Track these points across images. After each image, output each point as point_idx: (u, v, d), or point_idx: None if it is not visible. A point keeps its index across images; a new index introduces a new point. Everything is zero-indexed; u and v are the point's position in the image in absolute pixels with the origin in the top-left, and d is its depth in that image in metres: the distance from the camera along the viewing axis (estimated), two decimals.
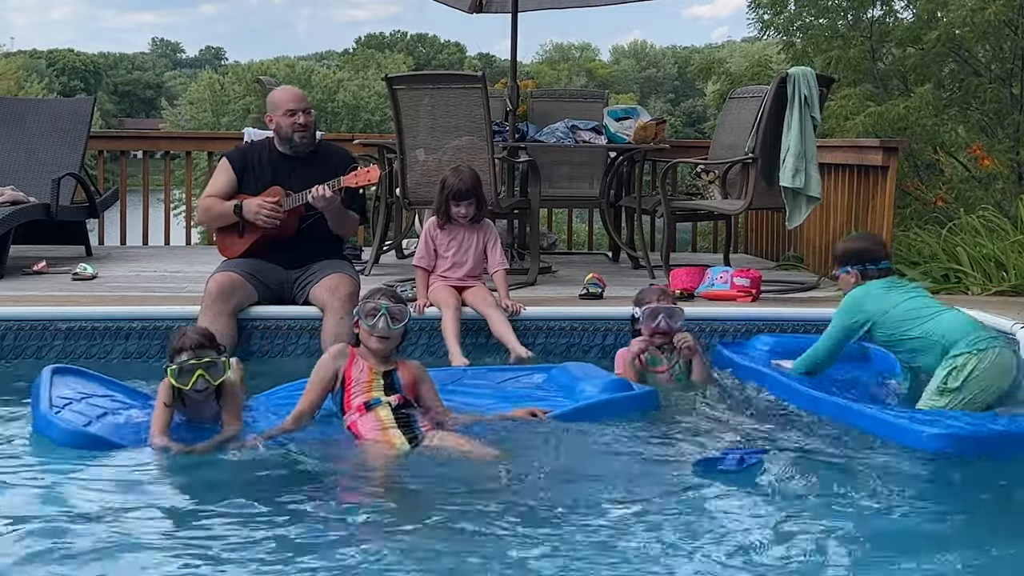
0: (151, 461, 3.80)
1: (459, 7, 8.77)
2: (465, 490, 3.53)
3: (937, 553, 3.02)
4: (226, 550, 3.03)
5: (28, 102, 9.07)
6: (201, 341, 4.04)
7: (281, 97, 5.60)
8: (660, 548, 3.03)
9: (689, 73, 25.30)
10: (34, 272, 6.84)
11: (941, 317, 4.40)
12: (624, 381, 4.62)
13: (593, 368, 4.80)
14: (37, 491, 3.49)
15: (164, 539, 3.15)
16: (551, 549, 3.02)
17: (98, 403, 4.23)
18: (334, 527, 3.23)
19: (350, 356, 4.17)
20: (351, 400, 4.08)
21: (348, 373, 4.13)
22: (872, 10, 10.74)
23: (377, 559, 2.97)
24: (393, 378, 4.13)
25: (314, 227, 5.51)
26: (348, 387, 4.10)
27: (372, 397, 4.06)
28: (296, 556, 2.98)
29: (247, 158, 5.61)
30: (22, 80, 45.92)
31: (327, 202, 5.32)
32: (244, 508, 3.33)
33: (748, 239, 9.04)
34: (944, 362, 4.30)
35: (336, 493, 3.63)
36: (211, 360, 4.01)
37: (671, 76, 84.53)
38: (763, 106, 6.66)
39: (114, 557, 2.96)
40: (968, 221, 7.11)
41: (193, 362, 3.97)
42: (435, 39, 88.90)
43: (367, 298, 4.25)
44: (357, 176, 5.35)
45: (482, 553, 3.00)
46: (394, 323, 4.14)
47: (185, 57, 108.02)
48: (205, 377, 3.98)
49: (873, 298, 4.51)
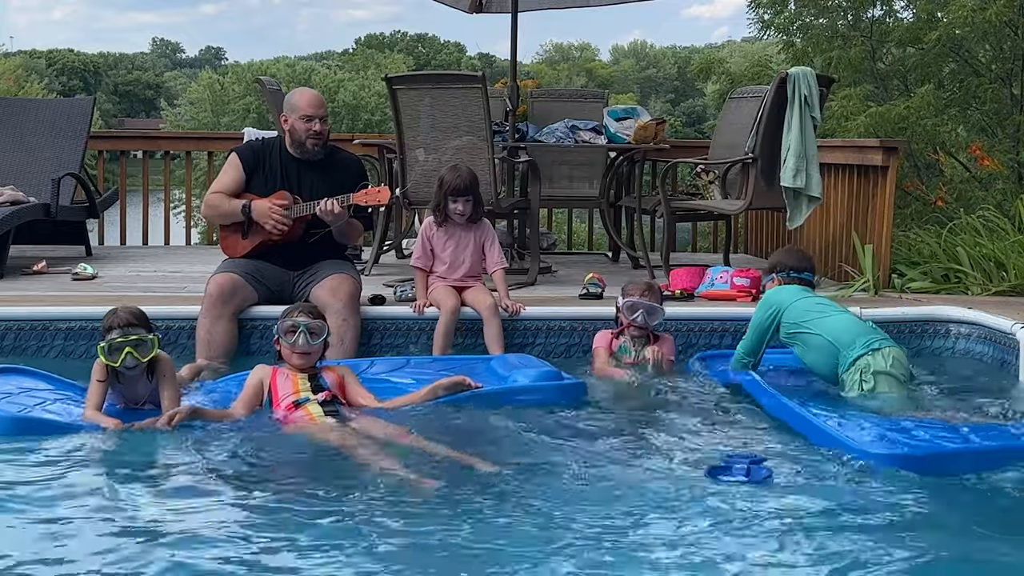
0: (86, 441, 3.91)
1: (459, 7, 8.77)
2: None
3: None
4: (154, 524, 3.14)
5: (28, 102, 9.06)
6: (130, 320, 4.19)
7: (300, 100, 5.51)
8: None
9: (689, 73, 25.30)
10: (34, 272, 6.83)
11: (836, 317, 4.85)
12: (554, 372, 4.74)
13: (533, 360, 4.95)
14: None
15: (93, 516, 3.23)
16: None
17: (37, 395, 4.38)
18: (260, 507, 3.32)
19: (272, 371, 4.32)
20: (280, 403, 4.21)
21: (273, 383, 4.26)
22: (872, 10, 10.73)
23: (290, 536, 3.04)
24: (319, 380, 4.28)
25: (318, 232, 5.50)
26: (275, 396, 4.24)
27: (300, 396, 4.19)
28: (228, 531, 3.08)
29: (258, 157, 5.57)
30: (21, 80, 45.88)
31: (335, 217, 5.31)
32: (177, 484, 3.48)
33: (748, 239, 9.03)
34: (849, 368, 4.67)
35: (264, 471, 3.74)
36: (139, 338, 4.16)
37: (671, 76, 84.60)
38: (763, 106, 6.66)
39: (45, 538, 3.05)
40: (968, 221, 7.11)
41: (121, 340, 4.12)
42: (435, 39, 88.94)
43: (284, 316, 4.38)
44: (368, 195, 5.35)
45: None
46: (313, 339, 4.30)
47: (185, 57, 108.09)
48: (133, 354, 4.14)
49: (783, 293, 5.01)
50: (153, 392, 4.23)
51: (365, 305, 5.56)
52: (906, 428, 4.01)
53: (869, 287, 6.37)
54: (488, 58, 79.84)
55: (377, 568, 2.87)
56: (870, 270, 6.41)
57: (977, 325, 5.63)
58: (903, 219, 8.54)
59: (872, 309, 5.80)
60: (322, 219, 5.34)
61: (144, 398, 4.25)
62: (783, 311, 4.91)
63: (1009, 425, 4.20)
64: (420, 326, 5.53)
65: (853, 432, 3.93)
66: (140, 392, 4.25)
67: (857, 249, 6.62)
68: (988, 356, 5.51)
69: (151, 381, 4.23)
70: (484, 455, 3.78)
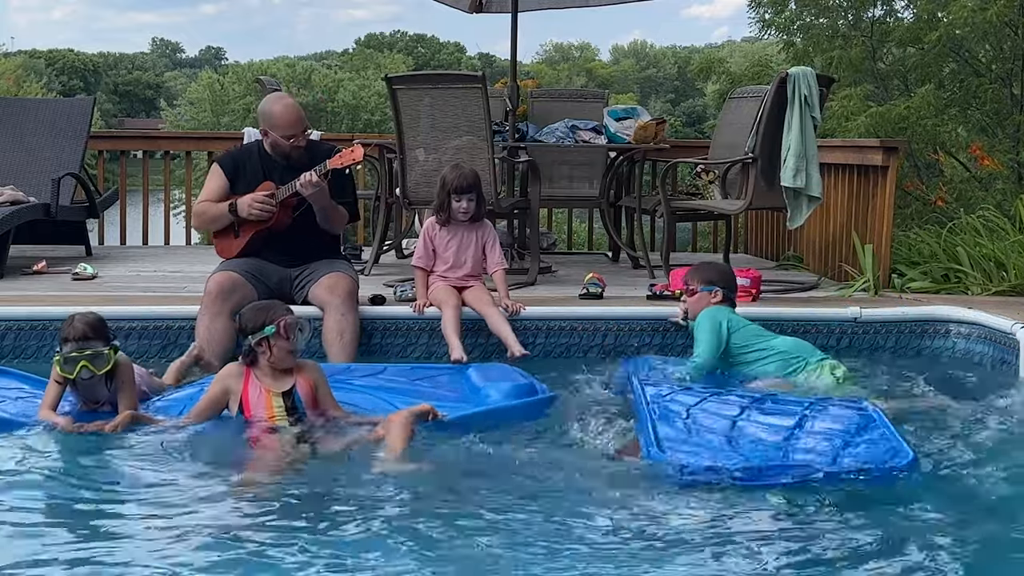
0: (31, 440, 3.96)
1: (459, 7, 8.77)
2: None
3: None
4: (103, 527, 3.18)
5: (28, 102, 9.06)
6: (86, 332, 4.15)
7: (280, 120, 5.53)
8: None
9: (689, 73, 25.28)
10: (34, 272, 6.83)
11: (782, 338, 5.25)
12: (529, 385, 4.61)
13: (509, 371, 4.84)
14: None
15: (37, 518, 3.30)
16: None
17: (5, 394, 4.41)
18: (217, 511, 3.32)
19: (244, 376, 4.19)
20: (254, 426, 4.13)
21: (245, 395, 4.17)
22: (873, 10, 10.74)
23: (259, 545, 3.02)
24: (294, 398, 4.16)
25: (307, 220, 5.54)
26: (247, 412, 4.15)
27: (276, 424, 4.12)
28: (184, 535, 3.08)
29: (237, 163, 5.67)
30: (21, 79, 45.87)
31: (314, 187, 5.34)
32: (126, 487, 3.50)
33: (748, 239, 9.03)
34: (816, 368, 4.97)
35: (222, 476, 3.71)
36: (94, 352, 4.14)
37: (671, 76, 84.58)
38: (763, 106, 6.66)
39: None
40: (968, 221, 7.11)
41: (75, 354, 4.12)
42: (435, 39, 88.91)
43: (270, 318, 4.20)
44: (342, 157, 5.39)
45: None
46: (302, 334, 4.24)
47: (185, 57, 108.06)
48: (89, 367, 4.12)
49: (731, 315, 5.24)
50: (112, 395, 4.23)
51: (365, 305, 5.56)
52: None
53: (869, 287, 6.37)
54: (488, 58, 79.82)
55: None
56: (870, 270, 6.41)
57: (977, 325, 5.62)
58: (903, 219, 8.54)
59: (872, 309, 5.80)
60: (303, 194, 5.38)
61: (104, 399, 4.26)
62: (734, 327, 5.16)
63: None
64: (420, 326, 5.54)
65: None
66: (99, 394, 4.25)
67: (857, 249, 6.62)
68: (988, 356, 5.50)
69: (110, 386, 4.22)
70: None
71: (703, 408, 4.11)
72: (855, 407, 4.05)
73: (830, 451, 3.68)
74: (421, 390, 4.65)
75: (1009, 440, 4.15)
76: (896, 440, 3.73)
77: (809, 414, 3.99)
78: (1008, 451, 3.99)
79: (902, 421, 4.18)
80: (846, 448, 3.70)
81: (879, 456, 3.64)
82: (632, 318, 5.65)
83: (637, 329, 5.61)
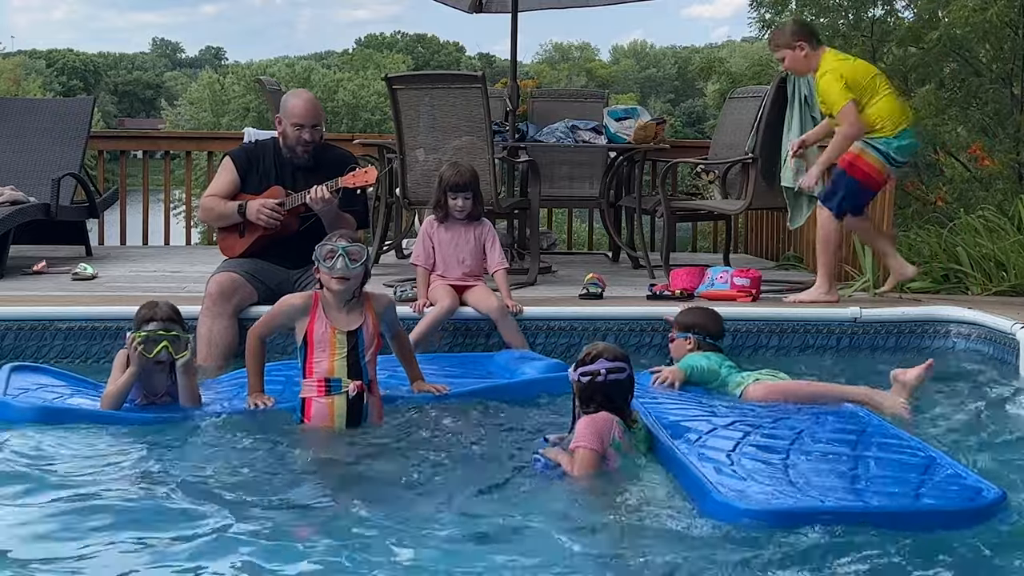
0: (104, 432, 4.01)
1: (459, 7, 8.77)
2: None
3: None
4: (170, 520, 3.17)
5: (28, 102, 9.08)
6: (171, 315, 4.24)
7: (294, 108, 5.52)
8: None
9: (689, 73, 25.35)
10: (34, 272, 6.83)
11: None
12: (559, 363, 4.83)
13: (534, 354, 5.15)
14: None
15: (120, 505, 3.30)
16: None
17: (54, 391, 4.45)
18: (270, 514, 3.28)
19: (313, 304, 4.21)
20: (313, 366, 4.15)
21: (311, 329, 4.18)
22: (873, 10, 10.74)
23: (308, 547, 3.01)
24: (358, 338, 4.17)
25: (314, 227, 5.51)
26: (311, 346, 4.17)
27: (334, 376, 4.13)
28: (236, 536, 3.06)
29: (251, 159, 5.60)
30: (21, 80, 45.89)
31: (324, 203, 5.32)
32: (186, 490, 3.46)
33: (748, 239, 9.03)
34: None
35: (275, 479, 3.68)
36: (177, 334, 4.20)
37: (671, 76, 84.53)
38: (763, 106, 6.66)
39: (79, 527, 3.10)
40: (968, 221, 7.10)
41: (161, 332, 4.15)
42: (435, 39, 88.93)
43: (324, 241, 4.29)
44: (355, 177, 5.35)
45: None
46: (352, 263, 4.18)
47: (185, 57, 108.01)
48: (168, 349, 4.16)
49: (703, 359, 4.83)
50: (173, 386, 4.27)
51: None
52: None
53: (869, 287, 6.37)
54: (488, 58, 79.86)
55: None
56: (870, 270, 6.41)
57: (977, 325, 5.62)
58: (903, 219, 8.54)
59: (872, 309, 5.80)
60: (312, 208, 5.36)
61: (163, 390, 4.29)
62: (715, 382, 4.78)
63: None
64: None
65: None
66: (157, 387, 4.29)
67: (857, 249, 6.62)
68: (988, 356, 5.50)
69: (171, 377, 4.26)
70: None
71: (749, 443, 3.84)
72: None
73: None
74: (452, 374, 4.81)
75: (1009, 440, 4.15)
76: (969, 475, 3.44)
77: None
78: (1008, 451, 3.99)
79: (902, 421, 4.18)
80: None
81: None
82: (632, 318, 5.65)
83: (637, 329, 5.61)
